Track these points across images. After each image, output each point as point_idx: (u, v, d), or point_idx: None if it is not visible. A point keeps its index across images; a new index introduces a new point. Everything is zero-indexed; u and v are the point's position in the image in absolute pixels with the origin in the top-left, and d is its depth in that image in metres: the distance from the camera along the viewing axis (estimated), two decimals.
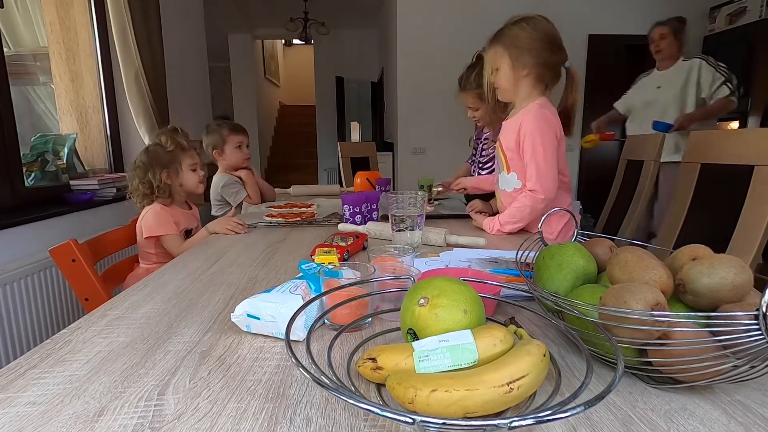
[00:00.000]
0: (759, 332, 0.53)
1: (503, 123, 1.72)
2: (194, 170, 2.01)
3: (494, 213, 1.85)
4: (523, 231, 1.69)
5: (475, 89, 2.14)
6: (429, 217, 1.76)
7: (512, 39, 1.57)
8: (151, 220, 1.88)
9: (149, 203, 1.93)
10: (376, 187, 2.47)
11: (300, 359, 0.57)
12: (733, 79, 3.09)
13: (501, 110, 1.92)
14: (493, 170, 2.30)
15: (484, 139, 2.39)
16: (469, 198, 2.47)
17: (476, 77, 2.13)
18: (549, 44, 1.55)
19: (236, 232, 1.73)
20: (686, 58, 3.24)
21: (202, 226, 1.94)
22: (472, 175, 2.54)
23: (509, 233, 1.63)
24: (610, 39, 5.35)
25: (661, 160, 2.24)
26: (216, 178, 2.58)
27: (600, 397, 0.44)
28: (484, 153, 2.38)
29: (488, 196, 2.05)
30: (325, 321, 0.82)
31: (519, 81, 1.60)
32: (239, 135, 2.58)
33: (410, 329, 0.64)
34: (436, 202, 2.28)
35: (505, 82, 1.62)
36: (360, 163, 3.86)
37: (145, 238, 1.86)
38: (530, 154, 1.57)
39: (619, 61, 5.42)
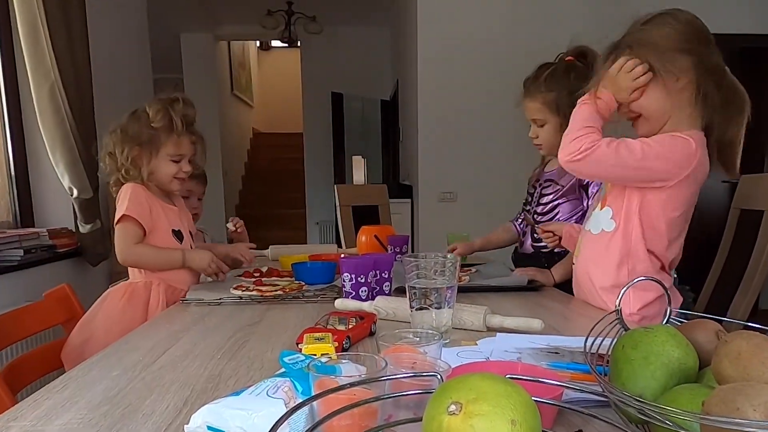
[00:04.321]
0: None
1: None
2: (176, 161, 2.10)
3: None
4: (584, 306, 1.73)
5: (544, 93, 2.18)
6: (462, 289, 1.77)
7: (651, 42, 1.62)
8: (121, 200, 2.01)
9: (118, 184, 2.07)
10: (389, 248, 2.49)
11: None
12: None
13: None
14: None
15: (546, 180, 2.40)
16: (519, 262, 2.47)
17: (548, 78, 2.17)
18: (703, 39, 1.63)
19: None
20: None
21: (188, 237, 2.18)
22: (519, 238, 2.56)
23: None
24: (719, 39, 5.38)
25: None
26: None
27: None
28: (544, 200, 2.40)
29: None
30: None
31: (673, 99, 1.62)
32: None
33: None
34: (473, 269, 2.29)
35: (656, 103, 1.64)
36: (366, 215, 3.88)
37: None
38: (657, 139, 1.61)
39: (730, 69, 5.49)
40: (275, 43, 11.94)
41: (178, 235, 2.15)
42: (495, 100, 4.84)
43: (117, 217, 2.01)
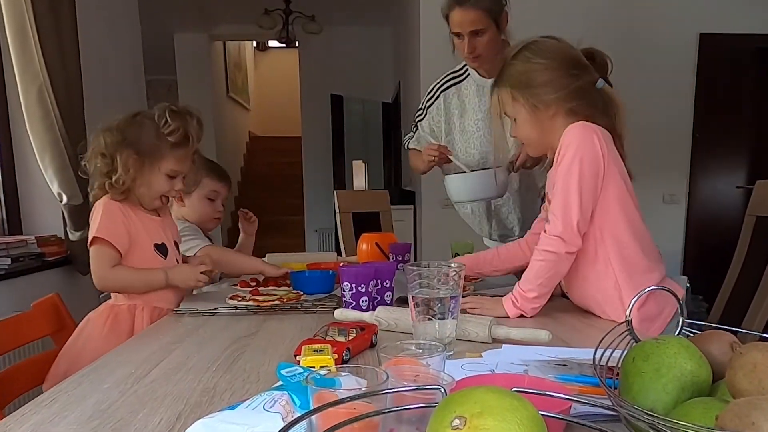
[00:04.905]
0: None
1: (548, 174, 1.80)
2: (172, 177, 2.01)
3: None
4: (595, 317, 1.74)
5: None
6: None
7: (519, 77, 1.71)
8: (93, 219, 1.94)
9: (102, 193, 1.97)
10: (390, 256, 2.49)
11: None
12: None
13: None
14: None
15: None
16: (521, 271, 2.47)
17: None
18: (567, 68, 1.68)
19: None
20: None
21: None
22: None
23: (535, 311, 1.71)
24: (733, 39, 5.44)
25: None
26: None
27: None
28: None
29: None
30: None
31: (547, 125, 1.72)
32: (218, 183, 2.61)
33: None
34: (479, 279, 2.29)
35: (530, 131, 1.76)
36: (366, 221, 3.88)
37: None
38: (562, 179, 1.64)
39: (745, 70, 5.48)
40: (272, 43, 11.94)
41: (161, 249, 2.05)
42: None
43: (90, 238, 1.92)
